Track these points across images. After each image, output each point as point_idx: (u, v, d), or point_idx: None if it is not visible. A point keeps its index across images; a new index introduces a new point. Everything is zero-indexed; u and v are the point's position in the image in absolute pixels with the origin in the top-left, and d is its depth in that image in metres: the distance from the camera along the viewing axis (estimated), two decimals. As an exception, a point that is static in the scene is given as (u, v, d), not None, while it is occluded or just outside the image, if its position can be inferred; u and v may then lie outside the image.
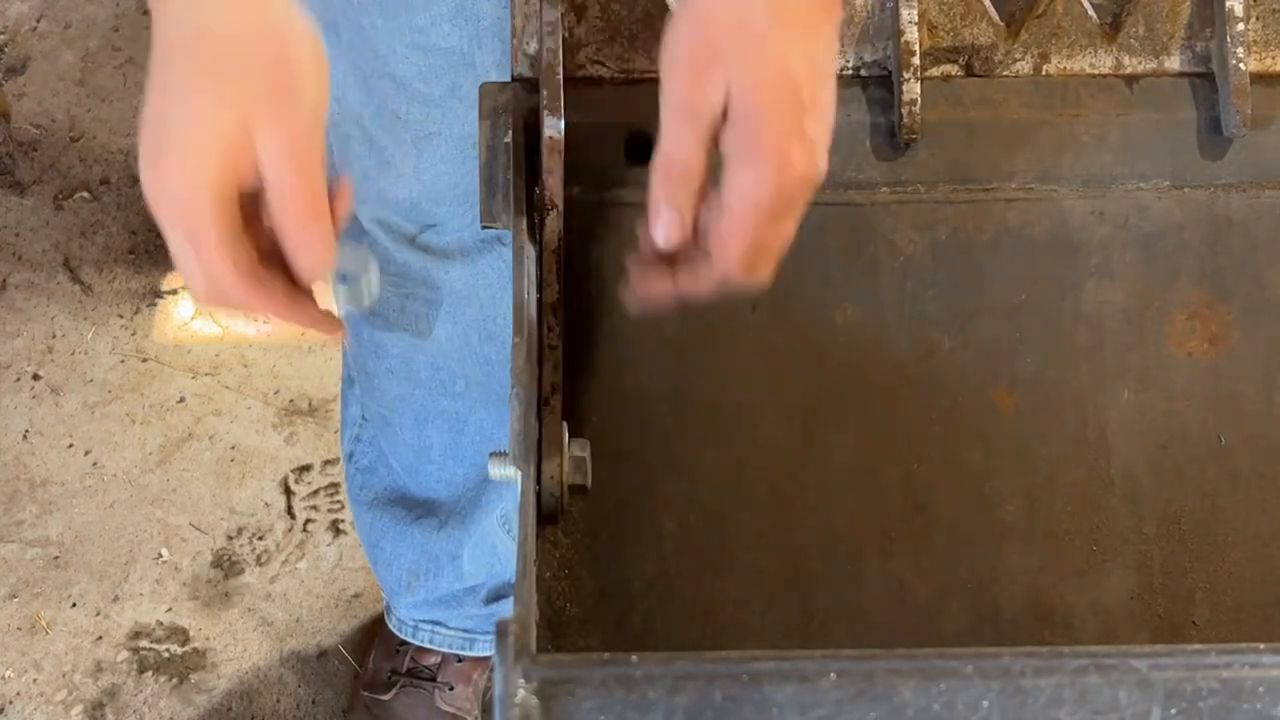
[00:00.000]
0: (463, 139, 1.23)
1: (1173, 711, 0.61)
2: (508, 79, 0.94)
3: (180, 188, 0.76)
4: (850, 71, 0.98)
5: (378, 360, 1.47)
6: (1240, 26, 0.96)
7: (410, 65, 1.19)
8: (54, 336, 2.17)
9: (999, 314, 0.96)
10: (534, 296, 0.85)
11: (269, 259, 0.81)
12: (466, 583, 1.67)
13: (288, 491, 2.03)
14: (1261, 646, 0.62)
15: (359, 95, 1.23)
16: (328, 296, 0.85)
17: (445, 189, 1.27)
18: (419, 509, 1.60)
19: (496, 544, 1.63)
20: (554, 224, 0.90)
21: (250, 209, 0.80)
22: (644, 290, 0.85)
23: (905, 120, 0.95)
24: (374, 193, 1.30)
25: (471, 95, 0.95)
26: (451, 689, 1.79)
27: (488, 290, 1.36)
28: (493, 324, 1.38)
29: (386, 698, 1.81)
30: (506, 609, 1.71)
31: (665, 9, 0.95)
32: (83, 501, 2.02)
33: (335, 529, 2.00)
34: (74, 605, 1.93)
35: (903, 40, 0.96)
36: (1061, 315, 0.97)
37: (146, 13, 0.80)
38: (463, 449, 1.52)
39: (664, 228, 0.82)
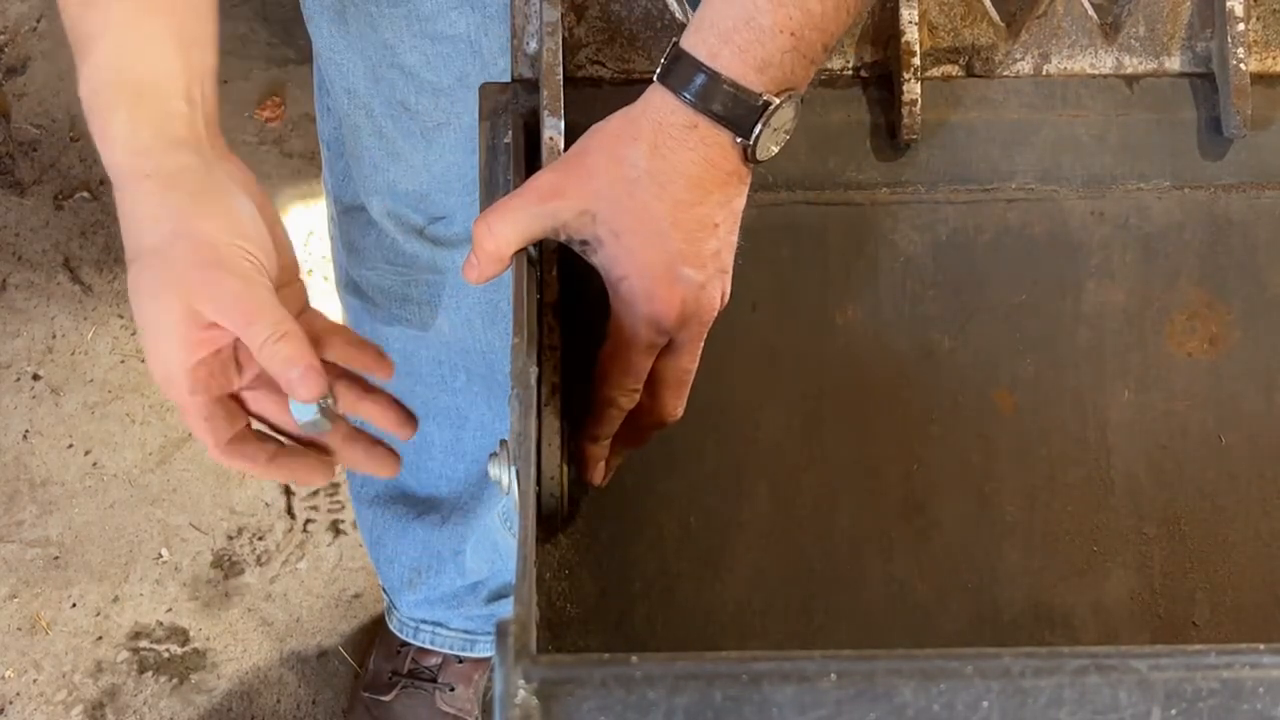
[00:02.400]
0: (472, 128, 1.23)
1: (1173, 712, 0.61)
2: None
3: (161, 379, 0.88)
4: (850, 71, 0.98)
5: (378, 356, 1.47)
6: (1240, 26, 0.96)
7: (418, 54, 1.19)
8: (54, 336, 2.17)
9: (999, 314, 0.96)
10: (534, 296, 0.85)
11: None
12: (469, 579, 1.67)
13: (288, 491, 2.03)
14: (1261, 646, 0.62)
15: (368, 86, 1.23)
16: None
17: (454, 179, 1.27)
18: (421, 505, 1.60)
19: (498, 540, 1.63)
20: (554, 224, 0.89)
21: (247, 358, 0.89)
22: (601, 467, 0.91)
23: (905, 120, 0.95)
24: (384, 184, 1.30)
25: (479, 83, 0.95)
26: (452, 690, 1.79)
27: None
28: (495, 308, 1.38)
29: (387, 699, 1.81)
30: (507, 608, 1.71)
31: (665, 9, 0.95)
32: (83, 501, 2.01)
33: (335, 529, 2.00)
34: (74, 605, 1.93)
35: (903, 40, 0.96)
36: (1061, 315, 0.97)
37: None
38: (464, 445, 1.52)
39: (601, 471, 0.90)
